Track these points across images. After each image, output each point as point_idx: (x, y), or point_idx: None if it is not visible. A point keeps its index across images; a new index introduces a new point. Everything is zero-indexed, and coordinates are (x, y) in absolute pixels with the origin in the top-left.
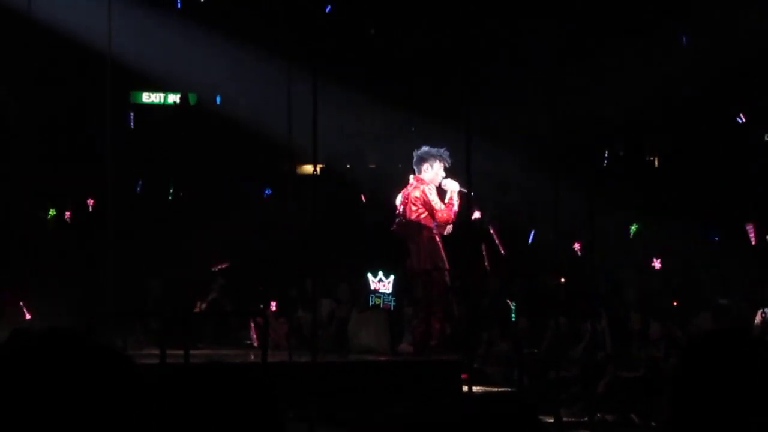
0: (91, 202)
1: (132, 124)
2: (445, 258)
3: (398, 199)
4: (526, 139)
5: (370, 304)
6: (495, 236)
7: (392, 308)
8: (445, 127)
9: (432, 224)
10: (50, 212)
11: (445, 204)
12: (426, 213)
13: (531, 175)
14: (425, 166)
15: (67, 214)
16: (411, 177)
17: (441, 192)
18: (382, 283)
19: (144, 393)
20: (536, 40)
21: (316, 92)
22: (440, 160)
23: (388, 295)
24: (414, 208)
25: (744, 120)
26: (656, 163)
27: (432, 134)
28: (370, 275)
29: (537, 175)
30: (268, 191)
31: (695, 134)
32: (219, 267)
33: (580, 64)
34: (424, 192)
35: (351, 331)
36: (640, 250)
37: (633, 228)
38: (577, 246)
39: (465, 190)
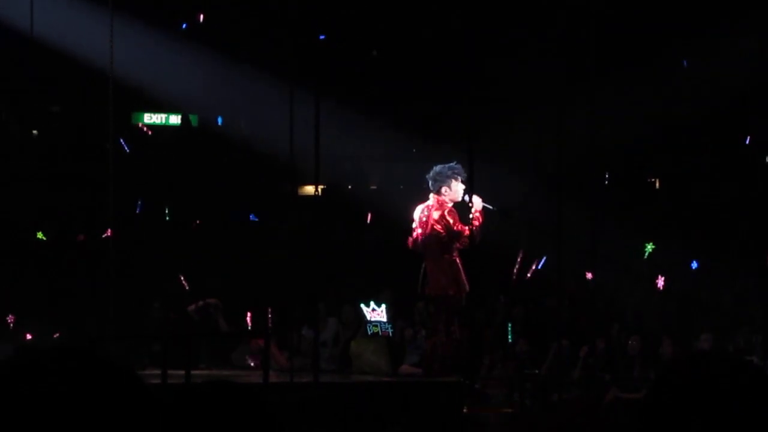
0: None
1: (127, 148)
2: (466, 281)
3: (416, 213)
4: (528, 161)
5: (369, 333)
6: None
7: (390, 335)
8: (447, 148)
9: (450, 245)
10: (38, 235)
11: (470, 222)
12: (440, 236)
13: (534, 197)
14: (444, 188)
15: (67, 235)
16: (431, 196)
17: (464, 210)
18: (376, 312)
19: (154, 411)
20: (538, 64)
21: (318, 113)
22: (456, 178)
23: (385, 322)
24: (435, 228)
25: (748, 141)
26: (657, 184)
27: (433, 156)
28: (363, 306)
29: (539, 198)
30: (252, 217)
31: (696, 155)
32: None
33: (583, 87)
34: (445, 216)
35: (353, 352)
36: (643, 270)
37: (648, 247)
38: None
39: (490, 207)
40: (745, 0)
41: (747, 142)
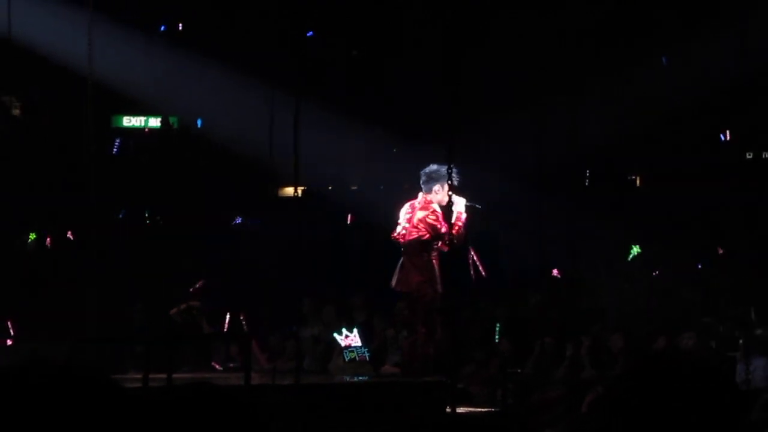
0: (70, 232)
1: (116, 150)
2: (440, 280)
3: (403, 211)
4: (509, 160)
5: (347, 359)
6: (477, 259)
7: (367, 358)
8: (428, 148)
9: (431, 244)
10: (30, 236)
11: (452, 222)
12: (423, 234)
13: (515, 196)
14: (436, 186)
15: (48, 239)
16: (420, 195)
17: (448, 212)
18: (349, 338)
19: (132, 419)
20: (519, 63)
21: (298, 114)
22: (447, 182)
23: (360, 347)
24: (418, 226)
25: (727, 138)
26: (638, 182)
27: (413, 156)
28: (336, 335)
29: (521, 197)
30: (238, 219)
31: (677, 152)
32: (196, 287)
33: (563, 85)
34: (430, 215)
35: (335, 353)
36: (624, 269)
37: (634, 250)
38: (555, 272)
39: (478, 206)
40: None
41: (723, 139)
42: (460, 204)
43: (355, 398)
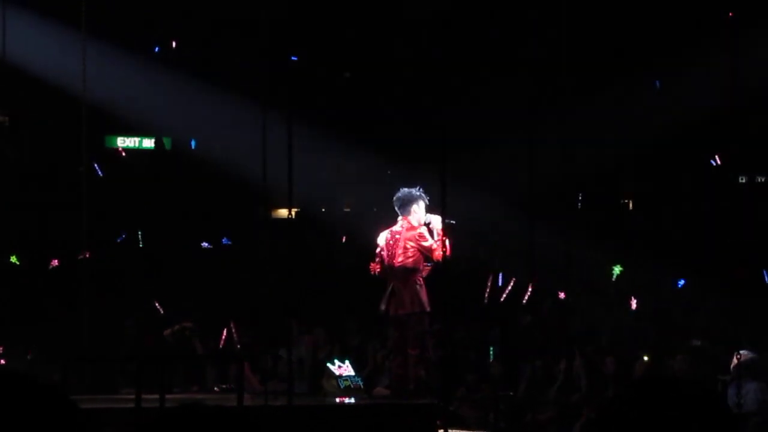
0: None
1: (100, 172)
2: (427, 302)
3: (382, 239)
4: (501, 183)
5: (341, 387)
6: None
7: (362, 386)
8: (420, 170)
9: (420, 267)
10: (12, 259)
11: (435, 241)
12: (413, 259)
13: (507, 219)
14: (414, 207)
15: (41, 260)
16: (399, 219)
17: (429, 231)
18: (342, 368)
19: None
20: (510, 86)
21: (291, 136)
22: (422, 200)
23: (353, 376)
24: (407, 251)
25: (718, 162)
26: (630, 205)
27: (407, 178)
28: (329, 365)
29: (513, 219)
30: (225, 240)
31: (668, 176)
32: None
33: (554, 109)
34: (419, 237)
35: (326, 375)
36: (615, 291)
37: (615, 270)
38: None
39: (452, 222)
40: (716, 20)
41: (714, 163)
42: (436, 221)
43: (347, 420)
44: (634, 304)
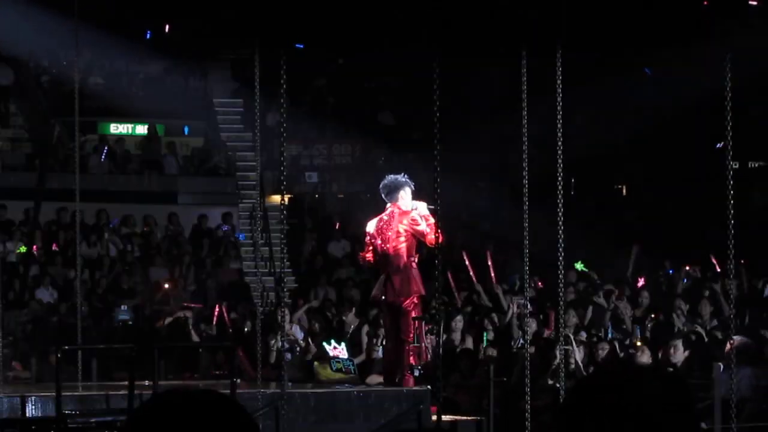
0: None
1: (103, 157)
2: (422, 286)
3: (372, 227)
4: (494, 169)
5: (333, 369)
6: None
7: (353, 371)
8: (412, 157)
9: (414, 252)
10: (20, 249)
11: (428, 225)
12: (406, 243)
13: (500, 205)
14: (401, 193)
15: (35, 247)
16: (389, 206)
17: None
18: (337, 350)
19: None
20: (504, 73)
21: (284, 123)
22: (408, 186)
23: (346, 359)
24: (400, 235)
25: (722, 146)
26: (624, 191)
27: (400, 165)
28: (325, 344)
29: (506, 205)
30: (225, 227)
31: (663, 162)
32: (189, 306)
33: (549, 95)
34: (411, 222)
35: (320, 358)
36: (612, 277)
37: (578, 266)
38: (540, 284)
39: (432, 207)
40: (709, 8)
41: (718, 146)
42: (422, 208)
43: (341, 406)
44: (628, 290)
